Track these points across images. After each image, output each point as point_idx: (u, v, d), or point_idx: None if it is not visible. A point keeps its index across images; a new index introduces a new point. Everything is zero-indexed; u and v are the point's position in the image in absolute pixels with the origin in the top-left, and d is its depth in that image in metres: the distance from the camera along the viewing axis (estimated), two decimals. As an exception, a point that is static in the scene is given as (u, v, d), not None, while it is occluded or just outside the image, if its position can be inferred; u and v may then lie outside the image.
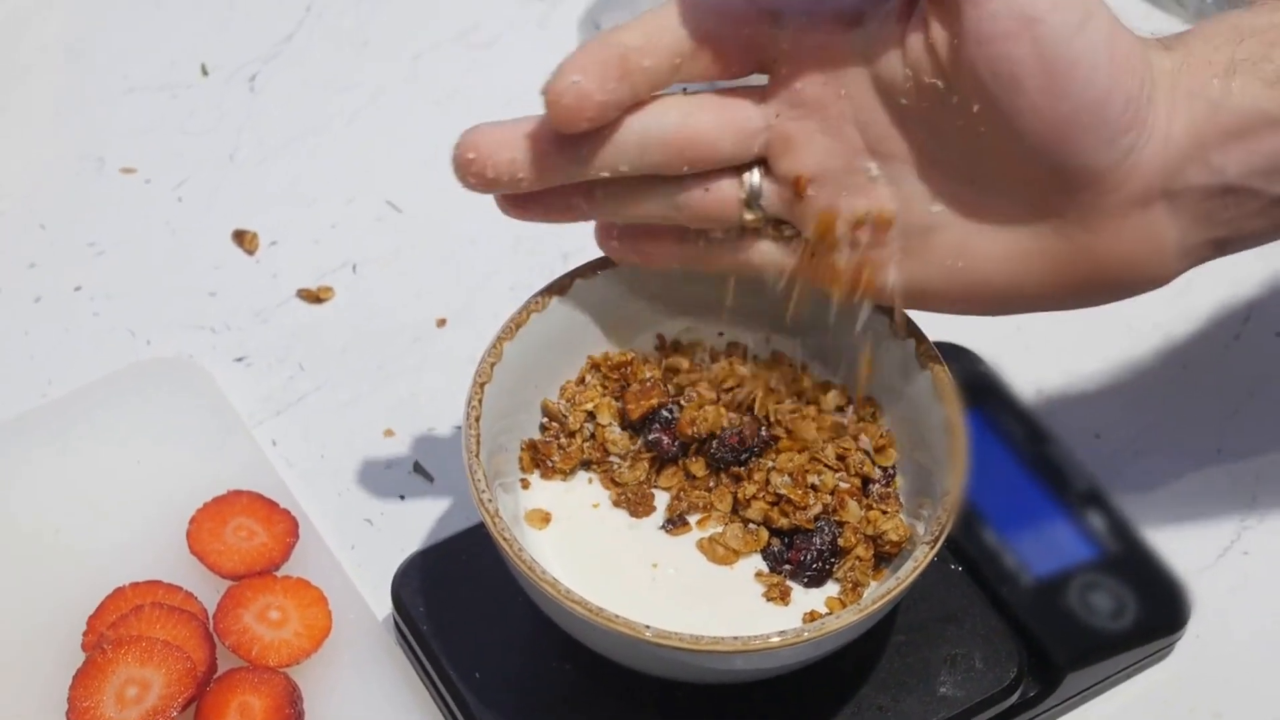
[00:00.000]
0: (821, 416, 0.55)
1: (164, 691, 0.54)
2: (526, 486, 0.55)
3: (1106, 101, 0.45)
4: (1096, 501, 0.60)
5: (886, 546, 0.53)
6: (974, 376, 0.63)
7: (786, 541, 0.54)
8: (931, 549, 0.49)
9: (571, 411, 0.56)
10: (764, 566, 0.54)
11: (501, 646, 0.55)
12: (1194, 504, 0.64)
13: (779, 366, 0.57)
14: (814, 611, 0.52)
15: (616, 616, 0.48)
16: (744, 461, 0.55)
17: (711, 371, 0.57)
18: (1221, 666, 0.60)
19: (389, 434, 0.66)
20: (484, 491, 0.50)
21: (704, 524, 0.55)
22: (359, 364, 0.69)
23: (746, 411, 0.55)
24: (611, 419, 0.56)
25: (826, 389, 0.56)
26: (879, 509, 0.54)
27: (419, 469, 0.65)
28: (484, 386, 0.52)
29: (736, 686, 0.54)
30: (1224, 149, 0.46)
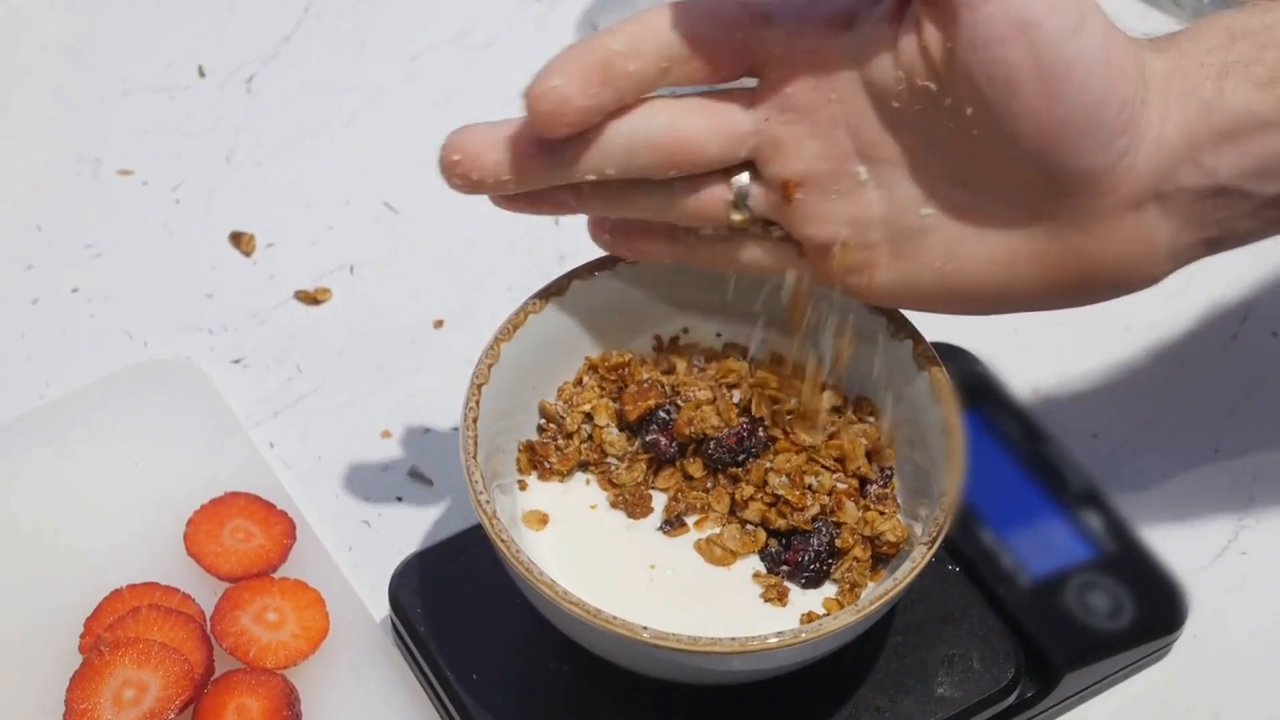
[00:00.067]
0: (819, 417, 0.55)
1: (161, 694, 0.54)
2: (524, 488, 0.55)
3: (1102, 105, 0.45)
4: (1094, 502, 0.60)
5: (884, 547, 0.53)
6: (971, 377, 0.63)
7: (784, 542, 0.54)
8: (929, 550, 0.49)
9: (569, 413, 0.56)
10: (761, 567, 0.54)
11: (499, 648, 0.55)
12: (1191, 504, 0.64)
13: (776, 367, 0.57)
14: (811, 612, 0.52)
15: (614, 618, 0.48)
16: (741, 462, 0.55)
17: (709, 372, 0.57)
18: (1219, 666, 0.60)
19: (386, 435, 0.66)
20: (481, 493, 0.50)
21: (701, 525, 0.55)
22: (356, 365, 0.69)
23: (744, 412, 0.55)
24: (609, 420, 0.56)
25: (823, 389, 0.56)
26: (876, 510, 0.54)
27: (416, 471, 0.65)
28: (481, 388, 0.52)
29: (734, 688, 0.54)
30: (1216, 150, 0.46)
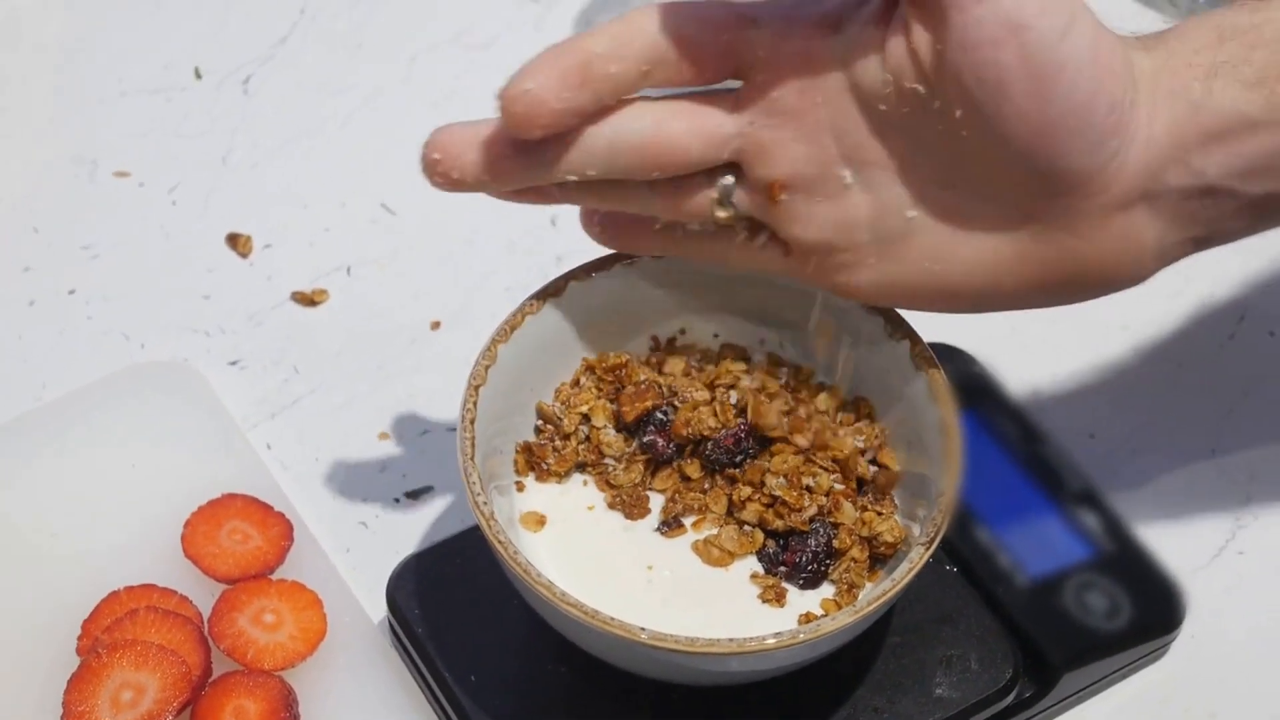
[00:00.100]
0: (817, 417, 0.55)
1: (159, 695, 0.54)
2: (521, 489, 0.55)
3: (1091, 105, 0.45)
4: (1091, 502, 0.60)
5: (882, 548, 0.53)
6: (968, 377, 0.63)
7: (782, 543, 0.54)
8: (927, 550, 0.49)
9: (566, 414, 0.56)
10: (759, 568, 0.54)
11: (497, 649, 0.55)
12: (1189, 504, 0.64)
13: (774, 368, 0.57)
14: (809, 613, 0.52)
15: (612, 619, 0.47)
16: (739, 463, 0.55)
17: (706, 373, 0.57)
18: (1217, 666, 0.60)
19: (384, 437, 0.66)
20: (479, 494, 0.50)
21: (699, 526, 0.55)
22: (354, 367, 0.69)
23: (741, 413, 0.55)
24: (606, 421, 0.56)
25: (820, 390, 0.56)
26: (874, 510, 0.54)
27: (413, 472, 0.65)
28: (479, 389, 0.52)
29: (732, 689, 0.54)
30: (1204, 151, 0.46)
